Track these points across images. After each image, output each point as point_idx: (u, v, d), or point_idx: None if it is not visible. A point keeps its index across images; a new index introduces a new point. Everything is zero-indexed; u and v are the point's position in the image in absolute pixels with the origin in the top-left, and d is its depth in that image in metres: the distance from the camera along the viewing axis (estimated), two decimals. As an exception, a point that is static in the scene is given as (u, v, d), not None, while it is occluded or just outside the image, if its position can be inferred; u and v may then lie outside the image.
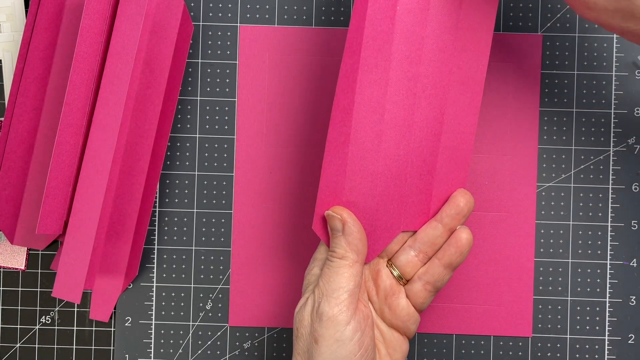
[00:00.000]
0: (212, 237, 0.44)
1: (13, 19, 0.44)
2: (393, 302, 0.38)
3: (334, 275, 0.35)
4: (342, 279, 0.35)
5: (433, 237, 0.37)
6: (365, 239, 0.36)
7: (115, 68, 0.39)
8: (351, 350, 0.34)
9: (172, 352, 0.44)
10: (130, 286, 0.44)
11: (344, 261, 0.35)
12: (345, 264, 0.35)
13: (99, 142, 0.39)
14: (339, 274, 0.35)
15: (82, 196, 0.39)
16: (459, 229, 0.37)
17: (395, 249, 0.38)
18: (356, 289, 0.35)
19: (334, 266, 0.35)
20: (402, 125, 0.37)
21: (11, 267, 0.44)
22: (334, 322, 0.34)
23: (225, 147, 0.44)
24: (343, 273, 0.35)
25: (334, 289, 0.35)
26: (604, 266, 0.43)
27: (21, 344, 0.44)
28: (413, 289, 0.37)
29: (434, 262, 0.37)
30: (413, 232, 0.38)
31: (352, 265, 0.35)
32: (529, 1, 0.44)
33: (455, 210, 0.37)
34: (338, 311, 0.34)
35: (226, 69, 0.44)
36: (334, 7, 0.44)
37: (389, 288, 0.38)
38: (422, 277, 0.37)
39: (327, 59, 0.44)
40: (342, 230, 0.36)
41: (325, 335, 0.34)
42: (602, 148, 0.44)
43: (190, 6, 0.44)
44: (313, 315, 0.35)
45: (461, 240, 0.37)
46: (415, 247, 0.38)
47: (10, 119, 0.42)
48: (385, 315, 0.38)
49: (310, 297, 0.36)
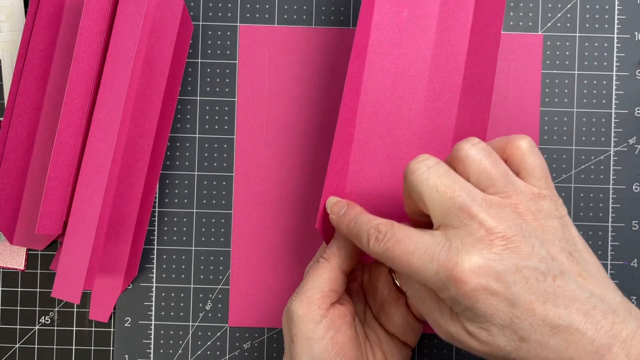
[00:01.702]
0: (212, 237, 0.44)
1: (12, 19, 0.44)
2: (390, 309, 0.37)
3: (313, 274, 0.35)
4: (320, 280, 0.34)
5: None
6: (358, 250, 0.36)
7: (114, 68, 0.39)
8: (324, 349, 0.33)
9: (171, 353, 0.44)
10: (129, 286, 0.44)
11: (328, 263, 0.35)
12: (328, 266, 0.35)
13: (98, 142, 0.39)
14: (317, 274, 0.35)
15: (82, 196, 0.39)
16: None
17: None
18: (331, 292, 0.34)
19: (317, 266, 0.35)
20: (408, 129, 0.37)
21: (10, 267, 0.44)
22: (303, 321, 0.33)
23: (225, 147, 0.44)
24: (322, 274, 0.35)
25: (308, 287, 0.34)
26: (605, 266, 0.43)
27: (20, 345, 0.44)
28: None
29: None
30: None
31: (333, 269, 0.35)
32: (529, 1, 0.44)
33: None
34: (307, 310, 0.34)
35: (226, 69, 0.44)
36: (334, 7, 0.44)
37: (387, 295, 0.37)
38: None
39: (327, 58, 0.44)
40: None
41: (298, 334, 0.34)
42: (603, 148, 0.44)
43: (190, 6, 0.44)
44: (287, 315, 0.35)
45: None
46: None
47: (10, 118, 0.42)
48: (382, 321, 0.38)
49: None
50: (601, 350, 0.28)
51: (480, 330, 0.29)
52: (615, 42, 0.44)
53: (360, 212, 0.34)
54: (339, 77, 0.44)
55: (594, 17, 0.44)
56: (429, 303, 0.31)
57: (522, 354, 0.29)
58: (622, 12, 0.44)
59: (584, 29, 0.44)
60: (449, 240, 0.29)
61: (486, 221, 0.29)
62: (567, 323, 0.28)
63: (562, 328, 0.28)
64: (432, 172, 0.30)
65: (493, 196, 0.30)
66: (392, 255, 0.30)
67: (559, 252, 0.29)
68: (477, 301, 0.28)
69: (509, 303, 0.28)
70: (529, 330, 0.28)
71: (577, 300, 0.28)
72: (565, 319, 0.28)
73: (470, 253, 0.28)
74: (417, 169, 0.31)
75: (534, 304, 0.28)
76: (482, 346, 0.29)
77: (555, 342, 0.28)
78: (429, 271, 0.29)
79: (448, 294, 0.29)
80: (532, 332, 0.28)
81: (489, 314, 0.28)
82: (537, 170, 0.31)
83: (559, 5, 0.44)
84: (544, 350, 0.28)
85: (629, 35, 0.44)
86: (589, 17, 0.44)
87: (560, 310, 0.28)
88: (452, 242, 0.29)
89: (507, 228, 0.29)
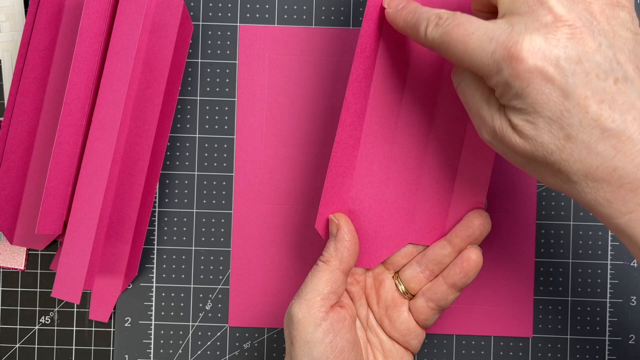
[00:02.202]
0: (212, 237, 0.44)
1: (12, 19, 0.44)
2: (393, 314, 0.37)
3: (312, 277, 0.35)
4: (319, 283, 0.34)
5: (440, 256, 0.37)
6: (356, 250, 0.35)
7: (114, 68, 0.39)
8: (322, 352, 0.33)
9: (171, 353, 0.44)
10: (129, 286, 0.44)
11: (326, 265, 0.35)
12: (327, 268, 0.35)
13: (98, 142, 0.39)
14: (317, 277, 0.35)
15: (82, 196, 0.39)
16: (468, 249, 0.36)
17: (402, 262, 0.38)
18: (331, 295, 0.34)
19: (316, 269, 0.35)
20: (417, 135, 0.37)
21: (10, 267, 0.44)
22: (303, 324, 0.33)
23: (225, 147, 0.44)
24: (321, 277, 0.34)
25: (308, 290, 0.34)
26: (605, 266, 0.43)
27: (20, 344, 0.44)
28: (416, 304, 0.37)
29: (438, 280, 0.36)
30: (425, 247, 0.38)
31: (332, 271, 0.35)
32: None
33: (467, 232, 0.36)
34: (307, 313, 0.34)
35: (226, 69, 0.44)
36: (334, 7, 0.44)
37: (390, 300, 0.37)
38: (425, 293, 0.37)
39: (327, 58, 0.44)
40: (335, 236, 0.35)
41: (297, 337, 0.33)
42: (603, 148, 0.44)
43: (190, 6, 0.44)
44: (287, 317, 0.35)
45: (468, 261, 0.36)
46: (422, 263, 0.37)
47: (10, 118, 0.42)
48: (385, 325, 0.37)
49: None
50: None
51: (526, 123, 0.27)
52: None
53: (418, 5, 0.32)
54: (339, 77, 0.44)
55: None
56: (478, 97, 0.30)
57: (565, 156, 0.27)
58: (622, 12, 0.44)
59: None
60: (513, 25, 0.28)
61: (556, 7, 0.27)
62: (621, 129, 0.26)
63: (614, 133, 0.26)
64: None
65: None
66: (449, 38, 0.29)
67: (626, 61, 0.27)
68: (530, 84, 0.27)
69: (562, 93, 0.26)
70: (577, 128, 0.26)
71: (635, 109, 0.27)
72: (619, 124, 0.26)
73: (532, 34, 0.27)
74: None
75: (589, 100, 0.26)
76: (525, 142, 0.28)
77: (602, 148, 0.26)
78: (485, 52, 0.28)
79: (500, 76, 0.27)
80: (580, 130, 0.26)
81: (540, 103, 0.27)
82: None
83: (559, 5, 0.44)
84: (589, 154, 0.27)
85: (629, 35, 0.44)
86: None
87: (616, 114, 0.26)
88: (515, 26, 0.27)
89: (577, 18, 0.27)
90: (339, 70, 0.44)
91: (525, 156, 0.29)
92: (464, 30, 0.29)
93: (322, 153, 0.44)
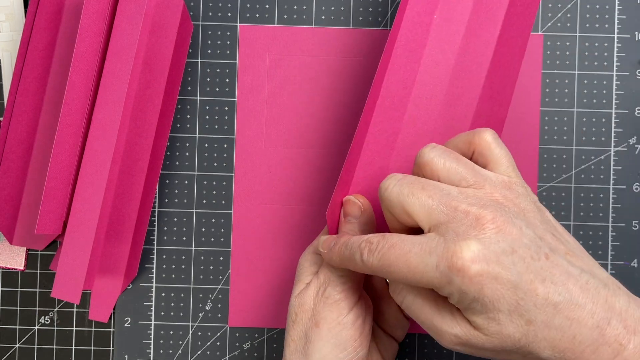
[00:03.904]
0: (212, 237, 0.44)
1: (12, 19, 0.44)
2: (382, 306, 0.38)
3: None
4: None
5: None
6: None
7: (114, 68, 0.39)
8: (352, 334, 0.34)
9: (171, 353, 0.44)
10: (129, 286, 0.44)
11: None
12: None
13: (98, 142, 0.39)
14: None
15: (82, 196, 0.39)
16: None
17: None
18: (360, 277, 0.35)
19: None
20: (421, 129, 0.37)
21: (10, 267, 0.44)
22: (339, 306, 0.34)
23: (225, 147, 0.44)
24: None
25: (340, 274, 0.35)
26: (605, 266, 0.43)
27: (20, 345, 0.44)
28: None
29: None
30: None
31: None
32: (529, 1, 0.44)
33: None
34: (344, 296, 0.34)
35: (226, 69, 0.44)
36: (333, 7, 0.44)
37: (380, 291, 0.38)
38: None
39: (327, 58, 0.44)
40: (359, 218, 0.36)
41: (328, 318, 0.34)
42: (603, 148, 0.44)
43: (190, 5, 0.44)
44: (317, 299, 0.35)
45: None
46: None
47: (10, 118, 0.42)
48: (375, 315, 0.38)
49: (314, 281, 0.35)
50: (601, 324, 0.28)
51: (489, 321, 0.29)
52: (616, 42, 0.44)
53: (349, 237, 0.34)
54: (339, 76, 0.44)
55: (594, 17, 0.44)
56: (427, 310, 0.31)
57: (530, 339, 0.28)
58: (622, 12, 0.44)
59: (584, 28, 0.44)
60: (442, 235, 0.29)
61: (470, 209, 0.29)
62: (567, 298, 0.28)
63: (563, 304, 0.28)
64: (403, 183, 0.31)
65: (467, 189, 0.30)
66: (388, 261, 0.30)
67: (544, 232, 0.30)
68: (483, 287, 0.28)
69: (512, 285, 0.28)
70: (534, 311, 0.28)
71: (571, 275, 0.29)
72: (564, 295, 0.28)
73: (466, 240, 0.28)
74: (389, 185, 0.31)
75: (535, 282, 0.28)
76: (491, 339, 0.29)
77: (559, 321, 0.28)
78: (429, 266, 0.29)
79: (452, 287, 0.29)
80: (537, 313, 0.28)
81: (496, 300, 0.28)
82: (503, 160, 0.32)
83: (559, 5, 0.44)
84: (550, 330, 0.28)
85: (629, 35, 0.44)
86: (589, 17, 0.44)
87: (559, 287, 0.28)
88: (445, 235, 0.29)
89: (492, 211, 0.29)
90: (339, 70, 0.44)
91: (494, 350, 0.30)
92: (399, 250, 0.30)
93: (322, 152, 0.44)
